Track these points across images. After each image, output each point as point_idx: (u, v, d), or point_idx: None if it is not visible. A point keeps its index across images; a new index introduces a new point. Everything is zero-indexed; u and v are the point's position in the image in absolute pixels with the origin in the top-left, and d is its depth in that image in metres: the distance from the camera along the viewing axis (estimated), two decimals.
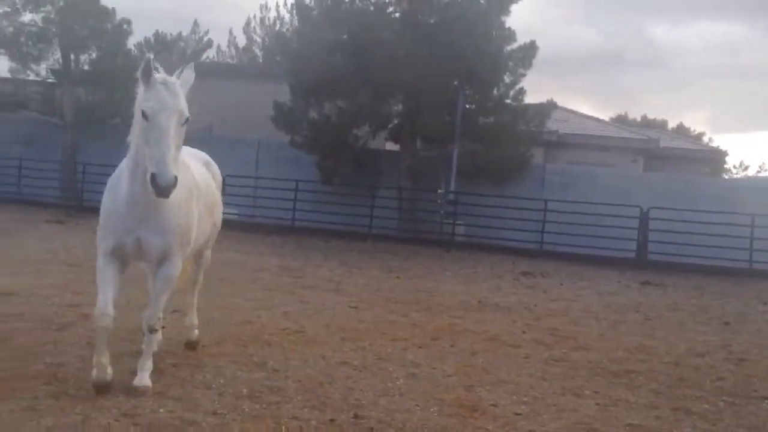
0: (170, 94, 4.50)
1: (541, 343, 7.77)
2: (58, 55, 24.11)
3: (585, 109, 77.21)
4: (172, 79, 4.64)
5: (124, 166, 4.90)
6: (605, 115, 54.69)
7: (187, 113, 4.57)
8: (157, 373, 5.22)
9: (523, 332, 8.33)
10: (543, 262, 16.80)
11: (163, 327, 5.76)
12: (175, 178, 4.32)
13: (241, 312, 8.19)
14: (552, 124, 22.84)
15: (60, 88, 24.41)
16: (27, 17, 23.82)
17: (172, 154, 4.34)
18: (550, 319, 9.39)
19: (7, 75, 24.66)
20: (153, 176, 4.28)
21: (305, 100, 20.44)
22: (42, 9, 23.64)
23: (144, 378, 4.99)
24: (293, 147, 20.69)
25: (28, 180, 22.90)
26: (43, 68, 24.55)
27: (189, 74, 4.81)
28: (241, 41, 41.84)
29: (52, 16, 23.63)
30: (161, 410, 4.62)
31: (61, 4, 23.45)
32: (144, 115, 4.44)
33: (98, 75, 23.19)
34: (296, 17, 24.25)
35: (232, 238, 16.11)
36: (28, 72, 24.42)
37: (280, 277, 11.66)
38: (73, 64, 24.07)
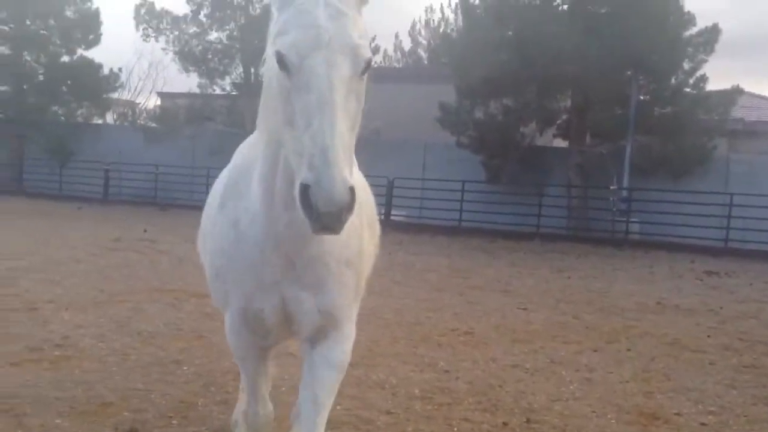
0: (330, 14, 2.18)
1: (729, 348, 7.27)
2: (240, 69, 25.98)
3: None
4: None
5: (252, 170, 2.71)
6: None
7: (367, 52, 2.21)
8: None
9: (708, 336, 7.83)
10: (728, 261, 15.69)
11: None
12: (352, 192, 2.05)
13: (412, 312, 8.35)
14: (738, 112, 21.25)
15: (242, 100, 26.18)
16: (213, 36, 25.89)
17: (345, 140, 2.08)
18: (738, 322, 8.76)
19: (197, 90, 26.83)
20: (304, 191, 2.04)
21: (471, 99, 20.49)
22: (226, 27, 25.62)
23: None
24: (459, 147, 20.78)
25: None
26: (227, 82, 26.57)
27: None
28: (407, 45, 42.56)
29: (235, 33, 25.51)
30: (338, 407, 4.81)
31: (242, 21, 25.21)
32: (280, 60, 2.17)
33: None
34: (461, 17, 24.32)
35: (401, 240, 16.50)
36: (214, 87, 26.48)
37: (448, 277, 11.75)
38: (253, 77, 25.78)
